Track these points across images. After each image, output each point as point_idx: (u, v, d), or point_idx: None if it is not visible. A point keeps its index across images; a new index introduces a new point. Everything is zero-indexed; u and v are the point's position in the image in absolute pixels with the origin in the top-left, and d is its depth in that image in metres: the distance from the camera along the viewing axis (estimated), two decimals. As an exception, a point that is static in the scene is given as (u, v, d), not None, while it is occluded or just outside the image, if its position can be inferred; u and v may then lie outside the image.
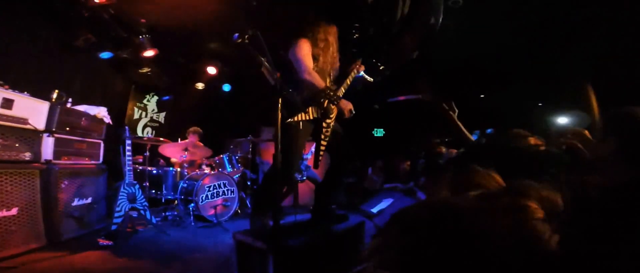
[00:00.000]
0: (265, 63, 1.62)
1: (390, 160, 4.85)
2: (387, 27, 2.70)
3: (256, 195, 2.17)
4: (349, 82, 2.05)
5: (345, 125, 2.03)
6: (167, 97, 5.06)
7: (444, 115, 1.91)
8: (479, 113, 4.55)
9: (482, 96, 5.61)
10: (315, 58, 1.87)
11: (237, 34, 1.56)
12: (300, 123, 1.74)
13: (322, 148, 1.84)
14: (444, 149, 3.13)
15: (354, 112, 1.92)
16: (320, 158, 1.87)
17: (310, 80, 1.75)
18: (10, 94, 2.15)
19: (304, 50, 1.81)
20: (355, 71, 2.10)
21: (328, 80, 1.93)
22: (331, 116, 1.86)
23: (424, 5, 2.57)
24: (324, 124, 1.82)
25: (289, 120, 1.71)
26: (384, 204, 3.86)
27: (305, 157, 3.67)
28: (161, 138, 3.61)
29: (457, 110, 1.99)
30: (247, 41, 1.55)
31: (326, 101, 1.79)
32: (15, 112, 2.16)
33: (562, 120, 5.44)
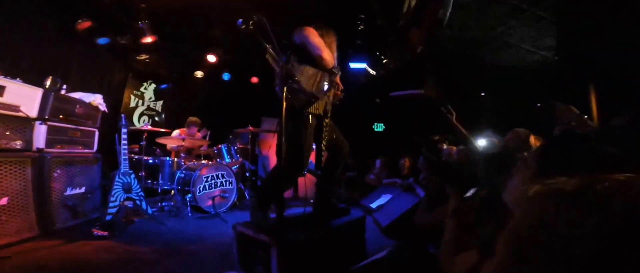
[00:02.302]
0: (270, 50, 1.56)
1: (390, 155, 4.82)
2: (394, 19, 2.63)
3: (261, 187, 2.13)
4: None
5: (346, 120, 2.00)
6: (165, 86, 4.95)
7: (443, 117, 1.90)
8: (479, 111, 4.55)
9: (482, 94, 5.58)
10: None
11: (241, 20, 1.50)
12: (310, 116, 1.68)
13: (323, 147, 1.80)
14: (445, 146, 3.11)
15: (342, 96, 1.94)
16: (322, 156, 1.85)
17: (327, 57, 1.68)
18: (1, 81, 2.08)
19: (315, 33, 1.73)
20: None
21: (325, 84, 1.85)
22: (329, 116, 1.82)
23: (432, -2, 2.50)
24: (324, 124, 1.78)
25: (302, 110, 1.65)
26: (382, 199, 3.85)
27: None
28: (161, 130, 3.52)
29: (454, 113, 1.96)
30: (251, 27, 1.49)
31: (325, 101, 1.76)
32: (6, 99, 2.10)
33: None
